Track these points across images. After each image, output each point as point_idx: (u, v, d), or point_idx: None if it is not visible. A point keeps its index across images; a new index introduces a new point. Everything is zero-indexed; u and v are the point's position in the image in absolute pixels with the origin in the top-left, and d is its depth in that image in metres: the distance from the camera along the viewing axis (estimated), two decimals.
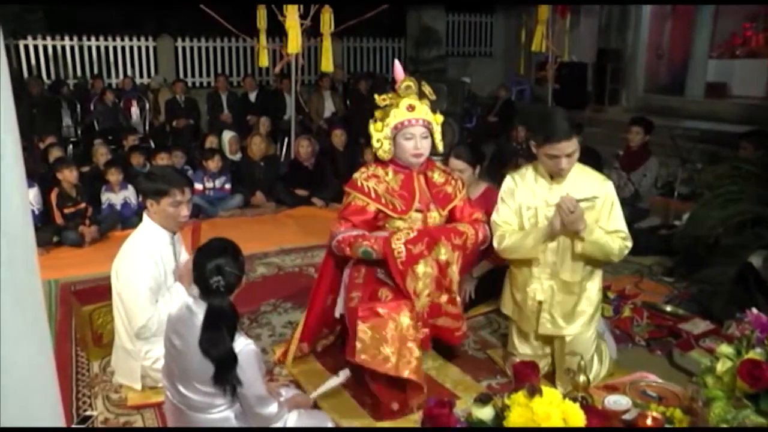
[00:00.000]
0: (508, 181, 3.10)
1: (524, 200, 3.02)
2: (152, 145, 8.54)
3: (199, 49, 11.44)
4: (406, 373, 2.74)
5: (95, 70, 10.76)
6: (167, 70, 11.07)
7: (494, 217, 3.09)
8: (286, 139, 8.82)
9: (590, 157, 6.57)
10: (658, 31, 11.05)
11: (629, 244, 2.97)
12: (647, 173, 5.96)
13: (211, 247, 2.32)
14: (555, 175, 2.96)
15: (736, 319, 3.30)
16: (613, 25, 10.91)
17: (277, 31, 7.06)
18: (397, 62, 3.07)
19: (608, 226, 2.95)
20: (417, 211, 2.97)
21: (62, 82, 9.89)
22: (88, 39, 10.86)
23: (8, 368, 0.99)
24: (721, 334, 3.45)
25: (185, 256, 3.16)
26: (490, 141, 8.78)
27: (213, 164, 6.91)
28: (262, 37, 6.78)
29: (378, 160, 3.03)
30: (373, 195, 2.93)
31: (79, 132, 8.92)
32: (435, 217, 3.00)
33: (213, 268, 2.24)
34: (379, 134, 2.95)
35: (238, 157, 7.72)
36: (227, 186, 6.98)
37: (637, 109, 9.96)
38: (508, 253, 3.02)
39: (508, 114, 9.85)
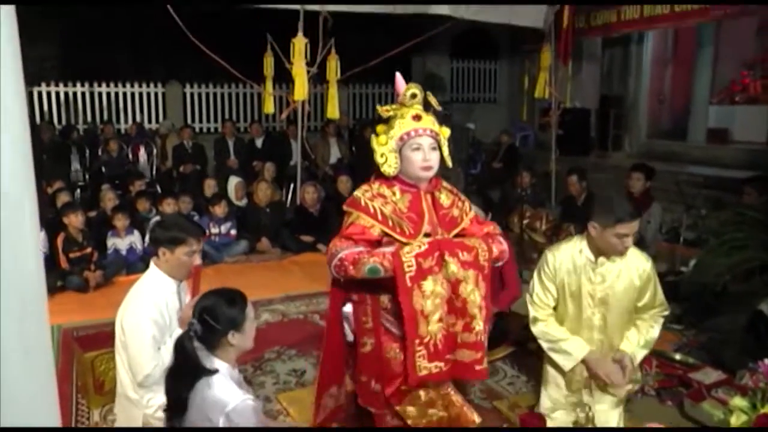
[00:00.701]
0: (548, 258, 3.15)
1: (567, 278, 3.09)
2: (159, 190, 8.60)
3: (207, 95, 11.61)
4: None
5: (105, 116, 10.93)
6: (175, 116, 11.21)
7: (531, 291, 3.18)
8: (291, 185, 8.86)
9: (594, 204, 6.66)
10: (659, 77, 11.19)
11: (666, 313, 3.12)
12: (651, 219, 5.95)
13: (215, 290, 2.33)
14: (613, 254, 3.01)
15: (749, 369, 3.27)
16: (615, 71, 11.05)
17: (284, 77, 7.17)
18: (398, 74, 2.81)
19: (654, 302, 3.07)
20: (426, 235, 2.64)
21: (72, 127, 10.02)
22: (99, 85, 11.05)
23: (15, 420, 0.98)
24: (734, 384, 3.39)
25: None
26: (495, 187, 8.82)
27: (219, 210, 6.93)
28: (269, 84, 6.88)
29: (381, 178, 2.73)
30: (379, 217, 2.62)
31: (86, 177, 9.00)
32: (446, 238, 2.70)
33: (197, 309, 2.27)
34: (383, 148, 2.67)
35: (244, 202, 7.75)
36: (233, 232, 6.99)
37: (640, 154, 10.02)
38: (541, 338, 3.12)
39: (512, 160, 9.91)
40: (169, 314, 2.99)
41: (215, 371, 2.28)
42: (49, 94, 10.66)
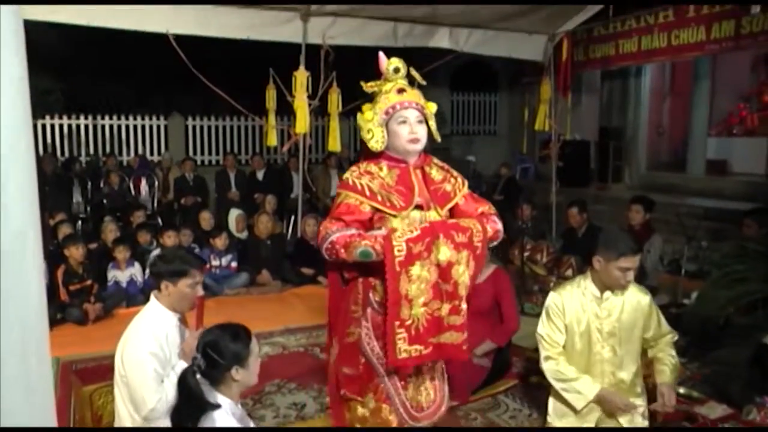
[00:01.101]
0: (555, 299, 3.22)
1: (575, 316, 3.16)
2: (160, 222, 8.62)
3: (209, 127, 11.71)
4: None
5: (107, 148, 11.01)
6: (177, 148, 11.28)
7: (540, 331, 3.23)
8: (292, 218, 8.88)
9: (596, 236, 6.66)
10: (658, 109, 11.29)
11: (676, 338, 3.24)
12: (651, 249, 5.95)
13: (219, 325, 2.32)
14: (616, 288, 3.10)
15: (756, 404, 3.24)
16: (615, 103, 11.16)
17: (286, 110, 7.23)
18: (381, 53, 2.73)
19: (661, 330, 3.18)
20: (417, 207, 2.61)
21: (75, 159, 10.08)
22: (102, 118, 11.16)
23: None
24: (741, 420, 3.35)
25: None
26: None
27: (220, 242, 6.93)
28: (271, 117, 6.92)
29: (368, 156, 2.70)
30: (368, 192, 2.57)
31: (88, 209, 9.02)
32: (433, 216, 2.64)
33: (201, 343, 2.26)
34: (369, 123, 2.63)
35: (244, 235, 7.75)
36: (233, 264, 6.98)
37: (640, 186, 10.05)
38: (552, 377, 3.17)
39: (512, 192, 9.93)
40: (170, 348, 2.97)
41: (218, 406, 2.26)
42: (52, 126, 10.77)
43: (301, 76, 6.66)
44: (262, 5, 6.55)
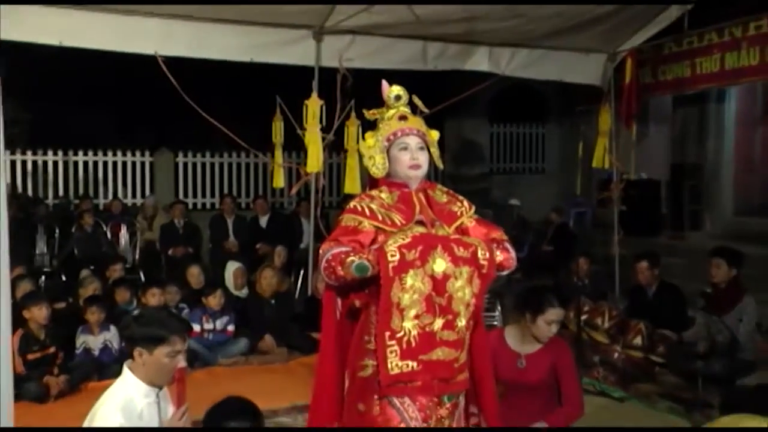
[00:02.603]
0: None
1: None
2: (142, 277, 8.68)
3: (203, 165, 11.88)
4: None
5: (80, 189, 11.15)
6: (165, 189, 11.43)
7: None
8: (302, 273, 8.91)
9: (670, 296, 6.61)
10: (747, 141, 11.01)
11: None
12: (743, 316, 5.82)
13: (230, 407, 2.32)
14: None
15: None
16: (690, 134, 11.01)
17: (295, 145, 7.32)
18: (384, 81, 3.21)
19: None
20: (419, 223, 2.99)
21: (40, 201, 10.19)
22: (75, 153, 11.36)
23: None
24: None
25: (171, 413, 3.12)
26: (545, 275, 8.77)
27: (214, 301, 6.96)
28: (278, 153, 6.96)
29: (372, 187, 3.14)
30: (367, 212, 2.97)
31: (54, 261, 9.07)
32: (440, 233, 3.02)
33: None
34: (371, 150, 3.07)
35: (244, 293, 7.78)
36: (230, 328, 7.00)
37: (725, 235, 9.88)
38: None
39: (565, 242, 9.90)
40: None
41: None
42: (13, 163, 10.75)
43: (314, 105, 6.73)
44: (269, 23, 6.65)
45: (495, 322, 7.22)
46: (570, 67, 8.03)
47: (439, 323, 2.85)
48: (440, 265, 2.83)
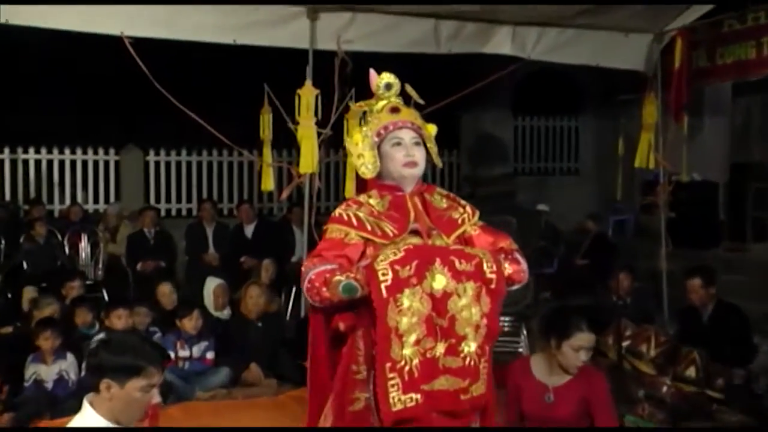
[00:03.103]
0: None
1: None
2: (105, 296, 8.67)
3: (178, 164, 11.91)
4: None
5: (32, 193, 11.17)
6: (133, 193, 11.45)
7: None
8: (294, 290, 8.90)
9: (729, 319, 6.57)
10: None
11: None
12: None
13: None
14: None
15: None
16: (754, 128, 10.97)
17: (286, 142, 7.31)
18: (372, 70, 3.26)
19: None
20: (413, 232, 3.05)
21: None
22: (25, 151, 11.36)
23: None
24: None
25: None
26: (579, 294, 8.74)
27: (190, 324, 6.93)
28: (266, 151, 6.97)
29: (359, 188, 3.24)
30: (354, 222, 3.02)
31: None
32: (439, 244, 3.08)
33: None
34: (359, 147, 3.12)
35: (226, 314, 7.78)
36: (209, 355, 6.98)
37: None
38: None
39: (603, 255, 9.87)
40: None
41: None
42: None
43: (308, 95, 6.73)
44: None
45: (520, 350, 7.22)
46: (608, 50, 8.01)
47: (441, 348, 2.88)
48: (440, 281, 2.87)
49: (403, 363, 2.84)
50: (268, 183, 7.14)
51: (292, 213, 9.75)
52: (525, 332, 7.12)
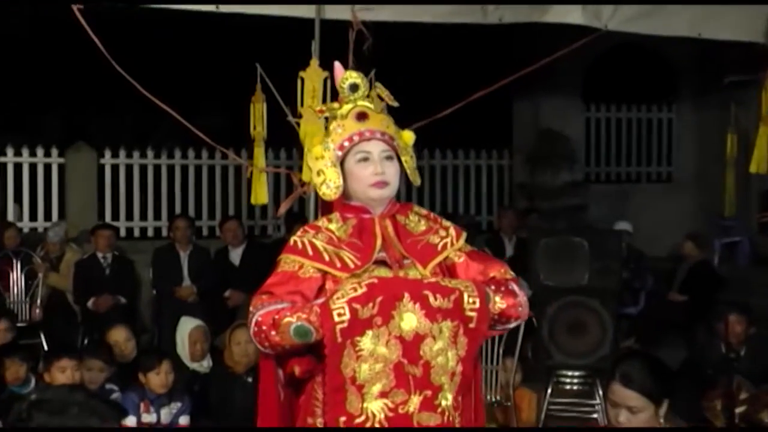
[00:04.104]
0: None
1: None
2: (44, 343, 8.75)
3: (142, 169, 11.95)
4: None
5: None
6: (82, 207, 11.49)
7: None
8: None
9: None
10: None
11: None
12: None
13: None
14: None
15: None
16: None
17: (284, 139, 7.31)
18: (337, 64, 3.45)
19: None
20: (379, 263, 3.17)
21: None
22: None
23: None
24: None
25: None
26: (673, 341, 8.72)
27: (157, 380, 6.96)
28: (259, 152, 7.02)
29: (323, 211, 3.39)
30: (310, 251, 3.14)
31: None
32: (413, 276, 3.17)
33: None
34: (320, 163, 3.22)
35: (205, 366, 7.81)
36: (183, 420, 7.01)
37: None
38: None
39: (706, 288, 9.86)
40: None
41: None
42: None
43: (314, 79, 6.76)
44: None
45: (595, 415, 7.22)
46: (713, 17, 7.96)
47: (415, 402, 2.98)
48: (409, 321, 2.97)
49: (363, 418, 2.95)
50: (262, 194, 7.17)
51: (293, 233, 9.78)
52: (600, 392, 7.11)
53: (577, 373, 7.30)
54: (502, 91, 7.50)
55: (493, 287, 3.13)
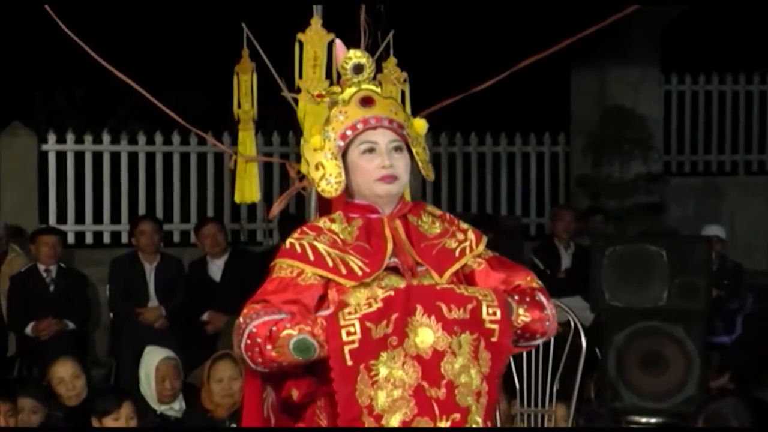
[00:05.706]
0: None
1: None
2: None
3: (96, 158, 12.03)
4: None
5: None
6: (19, 207, 11.54)
7: None
8: None
9: None
10: None
11: None
12: None
13: None
14: None
15: None
16: None
17: (277, 121, 7.38)
18: (338, 42, 3.61)
19: None
20: (391, 270, 3.24)
21: None
22: None
23: None
24: None
25: None
26: None
27: (116, 425, 7.05)
28: (247, 137, 7.07)
29: (321, 210, 3.53)
30: (311, 256, 3.20)
31: None
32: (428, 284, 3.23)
33: None
34: (319, 155, 3.32)
35: (177, 409, 7.87)
36: None
37: None
38: None
39: None
40: None
41: None
42: None
43: (315, 44, 6.79)
44: None
45: None
46: None
47: (441, 426, 3.04)
48: (426, 336, 3.03)
49: None
50: (249, 190, 7.21)
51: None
52: None
53: (653, 420, 7.35)
54: (557, 57, 7.51)
55: (516, 297, 3.22)
